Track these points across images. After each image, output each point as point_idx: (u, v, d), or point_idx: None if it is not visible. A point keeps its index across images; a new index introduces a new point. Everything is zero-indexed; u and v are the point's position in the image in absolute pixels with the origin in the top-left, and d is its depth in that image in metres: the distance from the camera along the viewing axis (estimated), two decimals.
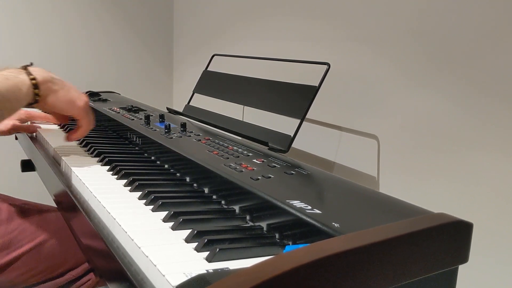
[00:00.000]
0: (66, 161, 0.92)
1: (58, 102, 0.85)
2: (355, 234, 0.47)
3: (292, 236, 0.60)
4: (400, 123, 1.06)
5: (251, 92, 1.10)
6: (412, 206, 0.60)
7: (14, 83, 0.78)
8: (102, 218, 0.68)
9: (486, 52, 0.89)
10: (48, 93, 0.83)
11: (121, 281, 0.54)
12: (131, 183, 0.79)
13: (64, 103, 0.86)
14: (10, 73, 0.79)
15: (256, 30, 1.54)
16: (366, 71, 1.14)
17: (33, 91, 0.80)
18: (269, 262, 0.41)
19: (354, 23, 1.16)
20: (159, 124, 1.11)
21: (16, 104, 0.79)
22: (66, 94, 0.86)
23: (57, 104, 0.85)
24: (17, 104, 0.79)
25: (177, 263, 0.51)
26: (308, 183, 0.72)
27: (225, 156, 0.83)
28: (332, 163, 1.24)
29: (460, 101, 0.94)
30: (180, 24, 2.08)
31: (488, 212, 0.90)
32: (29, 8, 1.77)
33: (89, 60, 1.93)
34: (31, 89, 0.80)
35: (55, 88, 0.84)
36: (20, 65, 0.84)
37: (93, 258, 0.71)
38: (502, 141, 0.87)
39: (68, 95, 0.86)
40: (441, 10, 0.96)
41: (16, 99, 0.78)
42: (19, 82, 0.79)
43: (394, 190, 1.07)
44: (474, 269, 0.75)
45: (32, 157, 1.23)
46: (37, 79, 0.81)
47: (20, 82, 0.79)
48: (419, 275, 0.49)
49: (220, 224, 0.66)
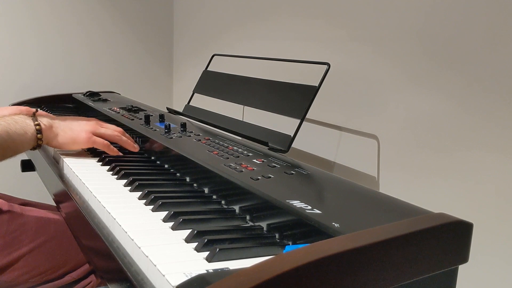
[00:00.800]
0: (66, 161, 0.92)
1: (61, 144, 0.94)
2: (355, 234, 0.47)
3: (292, 236, 0.60)
4: (400, 123, 1.06)
5: (251, 92, 1.10)
6: (412, 206, 0.60)
7: (21, 127, 0.87)
8: (102, 218, 0.68)
9: (486, 52, 0.89)
10: (51, 138, 0.92)
11: (121, 281, 0.54)
12: (131, 183, 0.79)
13: (66, 144, 0.94)
14: (20, 118, 0.89)
15: (256, 30, 1.54)
16: (366, 71, 1.14)
17: (37, 136, 0.88)
18: (269, 262, 0.41)
19: (354, 23, 1.16)
20: (159, 124, 1.11)
21: (21, 146, 0.87)
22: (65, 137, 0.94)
23: (62, 146, 0.94)
24: (21, 147, 0.87)
25: (177, 263, 0.51)
26: (308, 183, 0.72)
27: (225, 156, 0.83)
28: (332, 163, 1.24)
29: (460, 101, 0.94)
30: (180, 24, 2.08)
31: (488, 212, 0.90)
32: (28, 8, 1.77)
33: (89, 60, 1.93)
34: (35, 134, 0.88)
35: (56, 132, 0.92)
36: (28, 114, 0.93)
37: (93, 258, 0.71)
38: (502, 141, 0.87)
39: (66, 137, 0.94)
40: (441, 10, 0.96)
41: (21, 141, 0.86)
42: (26, 126, 0.87)
43: (394, 190, 1.07)
44: (474, 269, 0.76)
45: (32, 157, 1.23)
46: (41, 126, 0.89)
47: (27, 126, 0.88)
48: (419, 275, 0.49)
49: (220, 224, 0.66)
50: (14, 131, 0.85)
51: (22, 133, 0.86)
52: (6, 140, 0.83)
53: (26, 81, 1.77)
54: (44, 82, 1.80)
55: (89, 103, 1.42)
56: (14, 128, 0.85)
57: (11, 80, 1.74)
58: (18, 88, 1.74)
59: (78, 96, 1.55)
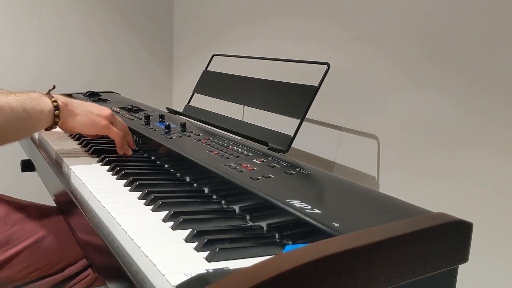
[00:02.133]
0: (66, 161, 0.92)
1: (77, 125, 0.90)
2: (355, 234, 0.47)
3: (292, 236, 0.60)
4: (400, 123, 1.06)
5: (251, 92, 1.10)
6: (412, 206, 0.60)
7: (38, 103, 0.83)
8: (102, 218, 0.68)
9: (486, 52, 0.89)
10: (68, 117, 0.88)
11: (121, 280, 0.54)
12: (131, 183, 0.79)
13: (83, 126, 0.91)
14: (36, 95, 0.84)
15: (256, 30, 1.54)
16: (366, 71, 1.14)
17: (54, 113, 0.85)
18: (269, 262, 0.41)
19: (354, 23, 1.16)
20: (159, 124, 1.11)
21: (38, 124, 0.84)
22: (85, 118, 0.90)
23: (77, 127, 0.91)
24: (38, 124, 0.84)
25: (177, 263, 0.51)
26: (308, 183, 0.72)
27: (225, 156, 0.83)
28: (332, 163, 1.24)
29: (460, 101, 0.94)
30: (180, 24, 2.08)
31: (488, 212, 0.90)
32: (29, 8, 1.77)
33: (89, 60, 1.93)
34: (52, 111, 0.85)
35: (76, 112, 0.89)
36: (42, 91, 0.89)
37: (93, 258, 0.71)
38: (502, 141, 0.87)
39: (87, 119, 0.91)
40: (441, 10, 0.96)
41: (38, 118, 0.83)
42: (43, 103, 0.84)
43: (394, 190, 1.07)
44: (474, 269, 0.76)
45: (32, 157, 1.23)
46: (58, 102, 0.86)
47: (44, 103, 0.84)
48: (419, 275, 0.49)
49: (220, 224, 0.66)
50: (31, 107, 0.81)
51: (39, 109, 0.82)
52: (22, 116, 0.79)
53: (26, 81, 1.77)
54: (44, 82, 1.80)
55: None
56: (31, 104, 0.81)
57: (11, 80, 1.74)
58: (18, 88, 1.73)
59: (78, 96, 1.54)
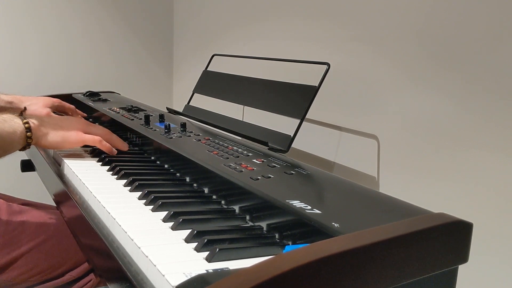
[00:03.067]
0: (66, 161, 0.92)
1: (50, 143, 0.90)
2: (355, 234, 0.47)
3: (292, 236, 0.60)
4: (400, 123, 1.06)
5: (251, 92, 1.10)
6: (412, 206, 0.60)
7: (10, 125, 0.83)
8: (102, 218, 0.68)
9: (486, 52, 0.89)
10: (41, 137, 0.89)
11: (121, 281, 0.54)
12: (131, 183, 0.79)
13: (57, 143, 0.91)
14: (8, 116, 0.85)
15: (256, 30, 1.54)
16: (366, 71, 1.14)
17: (26, 134, 0.85)
18: (269, 262, 0.41)
19: (354, 23, 1.16)
20: (159, 124, 1.11)
21: (10, 146, 0.84)
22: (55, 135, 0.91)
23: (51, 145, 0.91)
24: (10, 147, 0.84)
25: (177, 263, 0.51)
26: (308, 183, 0.72)
27: (225, 156, 0.83)
28: (332, 163, 1.24)
29: (460, 101, 0.94)
30: (180, 24, 2.08)
31: (488, 212, 0.89)
32: (29, 8, 1.77)
33: (89, 60, 1.93)
34: (24, 132, 0.85)
35: (46, 131, 0.89)
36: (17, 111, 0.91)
37: (93, 258, 0.71)
38: (502, 141, 0.87)
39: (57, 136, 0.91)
40: (441, 10, 0.96)
41: (11, 140, 0.83)
42: (15, 125, 0.84)
43: (394, 190, 1.07)
44: (474, 269, 0.75)
45: (32, 157, 1.23)
46: (30, 124, 0.86)
47: (16, 125, 0.84)
48: (419, 275, 0.49)
49: (220, 224, 0.66)
50: (3, 129, 0.82)
51: (11, 131, 0.83)
52: None
53: (26, 81, 1.77)
54: (44, 82, 1.80)
55: (89, 103, 1.42)
56: (3, 126, 0.82)
57: (11, 80, 1.74)
58: (19, 88, 1.72)
59: (78, 96, 1.54)
